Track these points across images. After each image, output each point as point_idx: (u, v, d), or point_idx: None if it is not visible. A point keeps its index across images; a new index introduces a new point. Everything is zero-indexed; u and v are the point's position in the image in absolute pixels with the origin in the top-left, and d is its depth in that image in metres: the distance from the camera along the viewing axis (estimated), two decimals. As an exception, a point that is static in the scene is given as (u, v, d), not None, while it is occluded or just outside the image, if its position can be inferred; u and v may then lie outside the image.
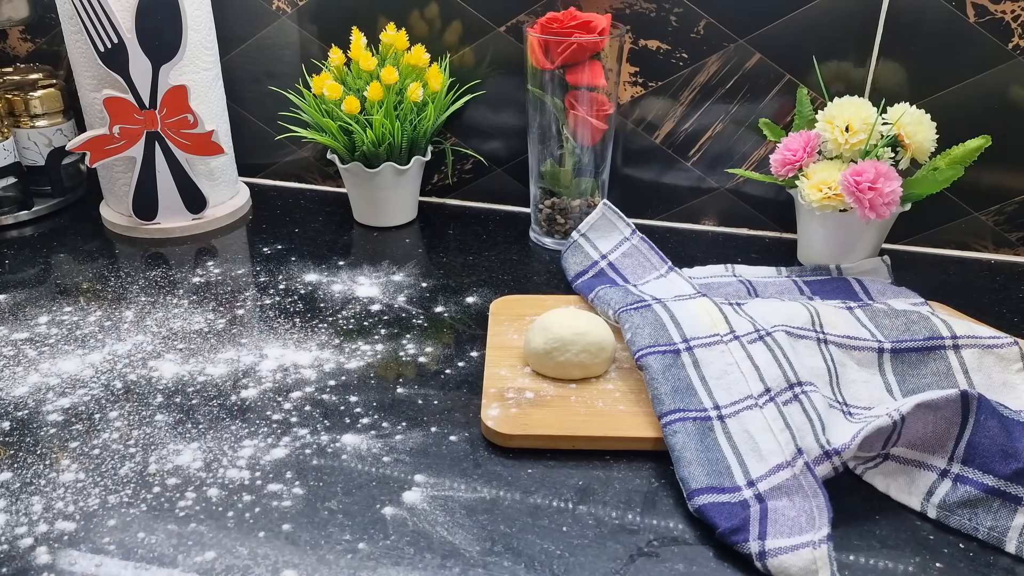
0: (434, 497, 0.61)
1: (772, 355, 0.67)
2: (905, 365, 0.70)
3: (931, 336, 0.70)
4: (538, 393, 0.70)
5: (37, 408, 0.70)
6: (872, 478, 0.62)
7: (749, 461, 0.61)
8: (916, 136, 0.83)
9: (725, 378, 0.66)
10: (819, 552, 0.53)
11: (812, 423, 0.61)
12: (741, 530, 0.56)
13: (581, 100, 0.88)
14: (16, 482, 0.62)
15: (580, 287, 0.84)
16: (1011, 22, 0.85)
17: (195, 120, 0.96)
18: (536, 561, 0.56)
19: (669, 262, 0.86)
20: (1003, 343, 0.69)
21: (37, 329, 0.80)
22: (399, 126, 0.93)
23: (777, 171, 0.88)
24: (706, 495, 0.59)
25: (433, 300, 0.86)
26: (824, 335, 0.71)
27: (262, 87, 1.07)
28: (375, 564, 0.55)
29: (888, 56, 0.90)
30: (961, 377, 0.68)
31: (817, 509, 0.56)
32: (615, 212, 0.88)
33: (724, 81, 0.95)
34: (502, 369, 0.72)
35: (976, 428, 0.60)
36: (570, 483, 0.63)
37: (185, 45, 0.92)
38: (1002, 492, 0.58)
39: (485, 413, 0.67)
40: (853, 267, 0.87)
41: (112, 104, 0.93)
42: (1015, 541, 0.57)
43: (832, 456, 0.59)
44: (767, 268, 0.89)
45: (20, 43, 1.12)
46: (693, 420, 0.64)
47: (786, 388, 0.64)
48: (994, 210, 0.94)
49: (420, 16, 1.00)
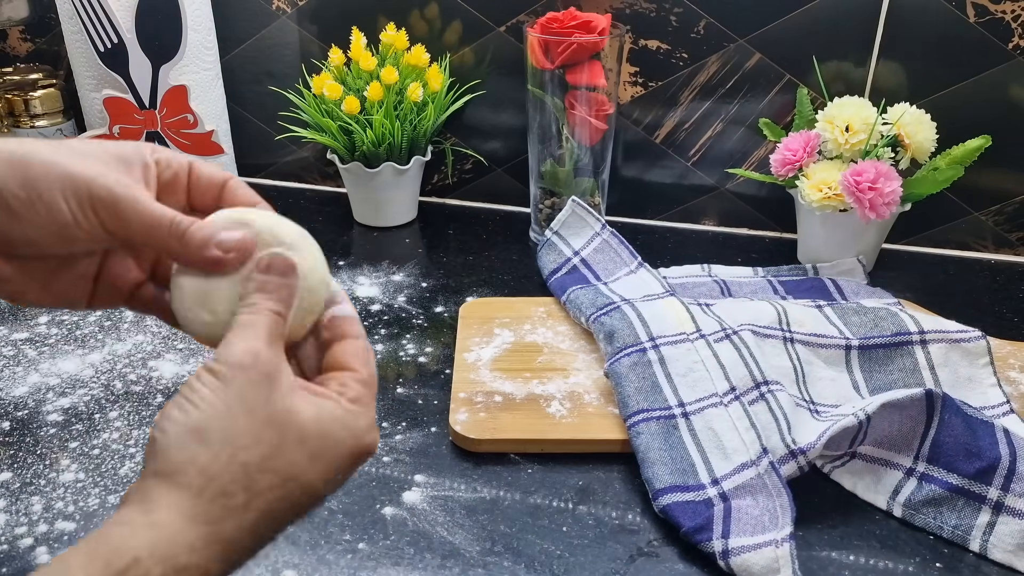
0: (434, 497, 0.61)
1: (738, 354, 0.67)
2: (872, 362, 0.70)
3: (899, 332, 0.70)
4: (507, 397, 0.69)
5: (37, 408, 0.70)
6: (839, 477, 0.63)
7: (714, 460, 0.61)
8: (916, 136, 0.83)
9: (690, 375, 0.66)
10: (781, 551, 0.53)
11: (778, 422, 0.62)
12: (705, 529, 0.56)
13: (581, 100, 0.88)
14: (16, 482, 0.62)
15: (553, 285, 0.85)
16: (1011, 22, 0.85)
17: (195, 120, 0.96)
18: (536, 561, 0.56)
19: (639, 257, 0.86)
20: (971, 336, 0.69)
21: (37, 329, 0.80)
22: (399, 126, 0.93)
23: (777, 171, 0.88)
24: (670, 494, 0.59)
25: (433, 300, 0.86)
26: (791, 333, 0.71)
27: (262, 87, 1.07)
28: (375, 564, 0.55)
29: (888, 56, 0.90)
30: (927, 373, 0.69)
31: (781, 508, 0.57)
32: (585, 208, 0.88)
33: (724, 81, 0.95)
34: (471, 373, 0.72)
35: (941, 427, 0.60)
36: (570, 483, 0.63)
37: (185, 45, 0.92)
38: (966, 491, 0.58)
39: (453, 418, 0.67)
40: (829, 267, 0.87)
41: (112, 104, 0.93)
42: (979, 539, 0.57)
43: (798, 455, 0.59)
44: (743, 268, 0.89)
45: (20, 43, 1.12)
46: (657, 420, 0.64)
47: (752, 387, 0.65)
48: (994, 210, 0.94)
49: (420, 16, 1.00)
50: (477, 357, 0.74)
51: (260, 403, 0.36)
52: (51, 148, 0.38)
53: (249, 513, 0.35)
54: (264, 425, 0.36)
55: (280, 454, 0.36)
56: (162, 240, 0.39)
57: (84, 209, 0.38)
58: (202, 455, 0.35)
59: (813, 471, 0.63)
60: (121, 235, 0.39)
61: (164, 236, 0.39)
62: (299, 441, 0.37)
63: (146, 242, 0.40)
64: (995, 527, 0.57)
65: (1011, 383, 0.72)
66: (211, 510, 0.34)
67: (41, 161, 0.37)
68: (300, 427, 0.37)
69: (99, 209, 0.38)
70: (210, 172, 0.43)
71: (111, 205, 0.38)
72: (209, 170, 0.43)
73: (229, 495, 0.35)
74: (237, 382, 0.36)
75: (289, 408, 0.37)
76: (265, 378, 0.36)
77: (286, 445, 0.36)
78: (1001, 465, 0.58)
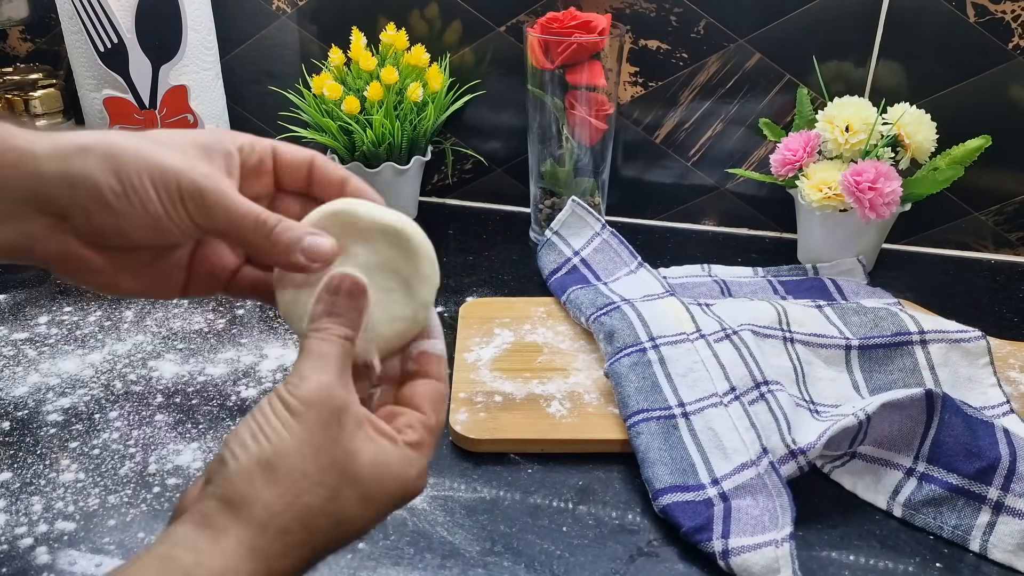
0: (434, 497, 0.61)
1: (738, 354, 0.67)
2: (872, 362, 0.70)
3: (899, 332, 0.70)
4: (507, 397, 0.69)
5: (37, 408, 0.70)
6: (839, 477, 0.63)
7: (714, 460, 0.61)
8: (916, 136, 0.83)
9: (690, 375, 0.66)
10: (781, 551, 0.53)
11: (778, 422, 0.62)
12: (705, 529, 0.56)
13: (581, 100, 0.88)
14: (16, 482, 0.62)
15: (553, 285, 0.85)
16: (1011, 22, 0.85)
17: (195, 120, 0.96)
18: (536, 561, 0.56)
19: (639, 257, 0.86)
20: (971, 336, 0.69)
21: (37, 329, 0.80)
22: (399, 126, 0.93)
23: (777, 171, 0.88)
24: (670, 494, 0.59)
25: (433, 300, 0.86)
26: (791, 333, 0.71)
27: (262, 87, 1.07)
28: (375, 564, 0.55)
29: (888, 56, 0.90)
30: (927, 373, 0.69)
31: (781, 508, 0.57)
32: (585, 208, 0.88)
33: (724, 81, 0.95)
34: (471, 373, 0.72)
35: (941, 427, 0.60)
36: (570, 483, 0.63)
37: (185, 45, 0.92)
38: (966, 491, 0.58)
39: (453, 418, 0.67)
40: (829, 267, 0.87)
41: (112, 104, 0.93)
42: (979, 539, 0.57)
43: (798, 455, 0.59)
44: (743, 268, 0.89)
45: (20, 43, 1.12)
46: (657, 419, 0.64)
47: (752, 387, 0.65)
48: (994, 210, 0.94)
49: (420, 16, 1.00)
50: (477, 357, 0.74)
51: (328, 444, 0.36)
52: (134, 140, 0.38)
53: (303, 550, 0.36)
54: (329, 468, 0.36)
55: (338, 496, 0.36)
56: (248, 237, 0.39)
57: (174, 202, 0.38)
58: (270, 491, 0.35)
59: (813, 471, 0.62)
60: (208, 228, 0.39)
61: (250, 234, 0.39)
62: (353, 483, 0.37)
63: (232, 237, 0.40)
64: (995, 527, 0.57)
65: (1011, 383, 0.72)
66: (272, 547, 0.35)
67: (131, 153, 0.37)
68: (357, 469, 0.37)
69: (187, 201, 0.38)
70: (295, 152, 0.43)
71: (198, 198, 0.38)
72: (293, 151, 0.43)
73: (289, 533, 0.35)
74: (309, 419, 0.36)
75: (353, 451, 0.37)
76: (334, 417, 0.37)
77: (343, 488, 0.37)
78: (1001, 465, 0.58)
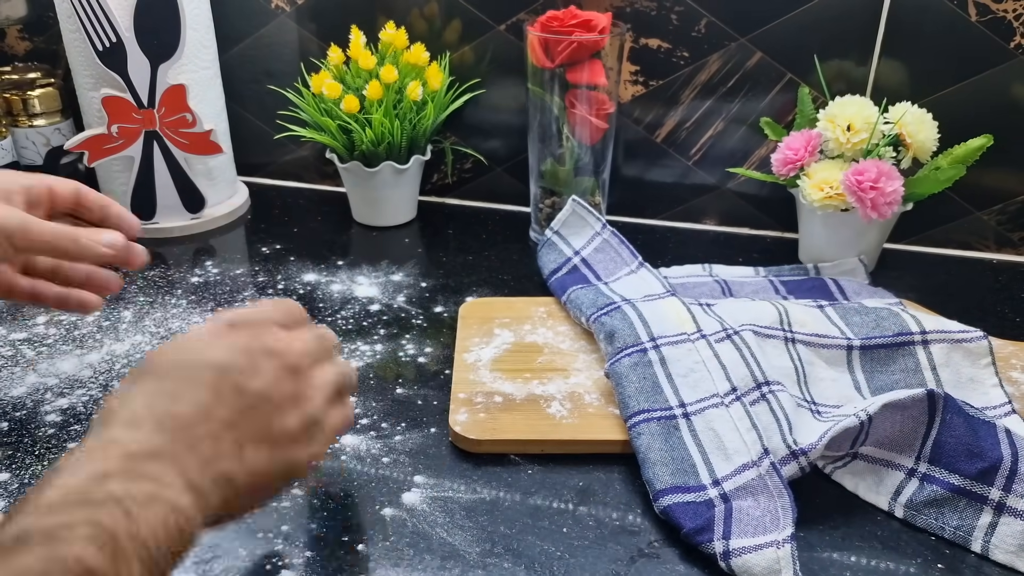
0: (434, 498, 0.61)
1: (739, 354, 0.67)
2: (874, 362, 0.70)
3: (900, 332, 0.70)
4: (507, 397, 0.69)
5: (35, 408, 0.70)
6: (841, 477, 0.62)
7: (715, 460, 0.61)
8: (918, 135, 0.83)
9: (691, 376, 0.66)
10: (782, 552, 0.53)
11: (779, 423, 0.61)
12: (706, 530, 0.56)
13: (581, 99, 0.88)
14: (15, 483, 0.62)
15: (554, 285, 0.84)
16: (1013, 21, 0.85)
17: (194, 119, 0.95)
18: (536, 562, 0.56)
19: (640, 257, 0.85)
20: (973, 336, 0.69)
21: (35, 329, 0.80)
22: (398, 125, 0.92)
23: (778, 170, 0.87)
24: (671, 495, 0.59)
25: (433, 300, 0.85)
26: (792, 334, 0.71)
27: (261, 86, 1.07)
28: (375, 565, 0.55)
29: (890, 55, 0.89)
30: (929, 374, 0.68)
31: (782, 509, 0.56)
32: (585, 208, 0.88)
33: (725, 80, 0.94)
34: (470, 373, 0.72)
35: (942, 427, 0.60)
36: (570, 484, 0.62)
37: (184, 44, 0.92)
38: (968, 491, 0.58)
39: (453, 419, 0.66)
40: (831, 267, 0.87)
41: (110, 103, 0.93)
42: (980, 540, 0.57)
43: (799, 456, 0.59)
44: (744, 268, 0.88)
45: (18, 42, 1.11)
46: (658, 420, 0.64)
47: (753, 388, 0.64)
48: (996, 209, 0.93)
49: (420, 14, 0.99)
50: (477, 357, 0.74)
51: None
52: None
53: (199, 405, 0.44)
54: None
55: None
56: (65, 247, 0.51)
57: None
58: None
59: (814, 472, 0.62)
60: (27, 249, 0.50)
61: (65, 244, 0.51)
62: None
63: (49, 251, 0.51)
64: (997, 528, 0.57)
65: (1013, 383, 0.71)
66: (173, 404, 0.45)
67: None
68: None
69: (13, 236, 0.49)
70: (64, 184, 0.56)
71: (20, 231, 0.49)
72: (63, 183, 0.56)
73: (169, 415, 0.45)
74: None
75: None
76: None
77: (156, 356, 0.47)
78: (1003, 466, 0.58)
